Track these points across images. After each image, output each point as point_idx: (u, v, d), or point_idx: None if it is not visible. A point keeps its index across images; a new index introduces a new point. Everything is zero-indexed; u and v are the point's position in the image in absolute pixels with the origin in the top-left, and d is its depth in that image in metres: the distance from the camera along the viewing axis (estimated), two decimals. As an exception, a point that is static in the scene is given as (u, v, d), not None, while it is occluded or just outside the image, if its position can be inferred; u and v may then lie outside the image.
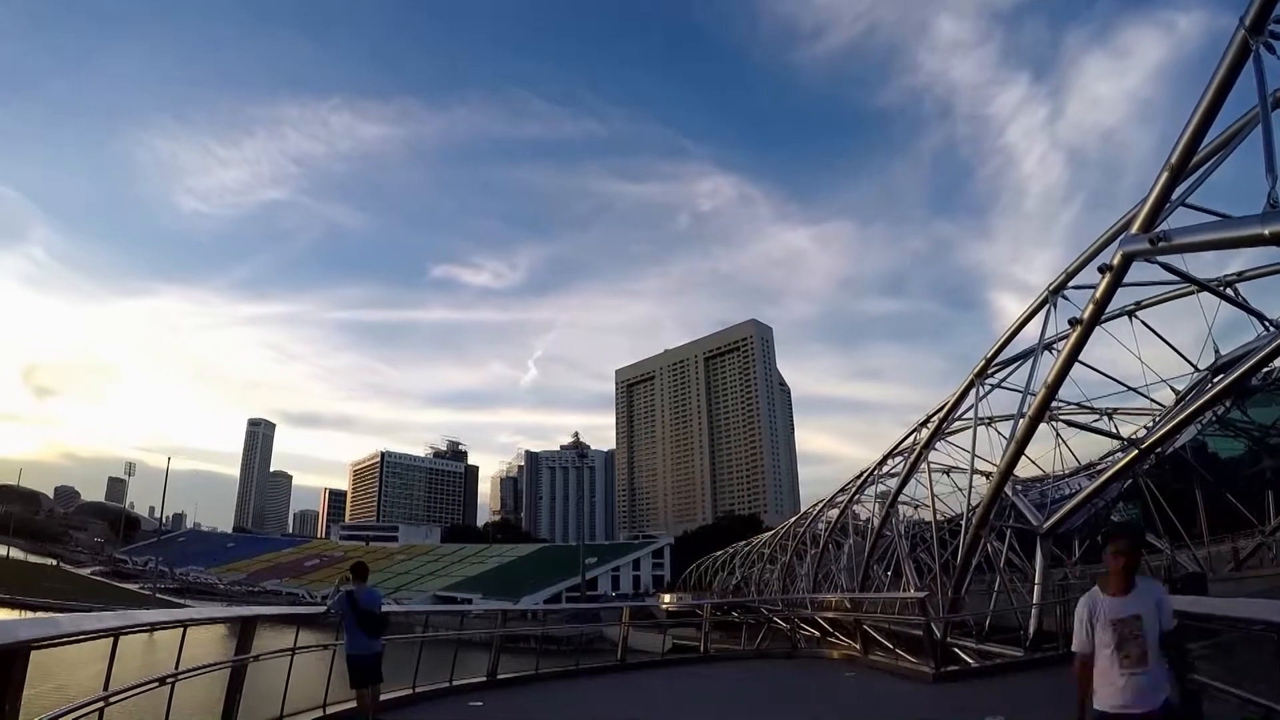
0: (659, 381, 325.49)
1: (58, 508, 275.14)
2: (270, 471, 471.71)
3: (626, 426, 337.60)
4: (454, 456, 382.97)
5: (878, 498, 42.68)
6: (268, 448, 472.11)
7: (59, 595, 65.64)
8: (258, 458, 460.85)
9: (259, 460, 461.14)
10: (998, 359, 25.56)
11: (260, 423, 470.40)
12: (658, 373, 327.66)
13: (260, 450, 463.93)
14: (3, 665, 4.92)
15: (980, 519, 23.29)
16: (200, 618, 9.60)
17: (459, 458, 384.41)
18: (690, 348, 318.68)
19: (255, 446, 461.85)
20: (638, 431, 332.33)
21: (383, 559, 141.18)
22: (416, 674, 13.97)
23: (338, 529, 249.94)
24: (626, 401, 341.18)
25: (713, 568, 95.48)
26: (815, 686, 17.23)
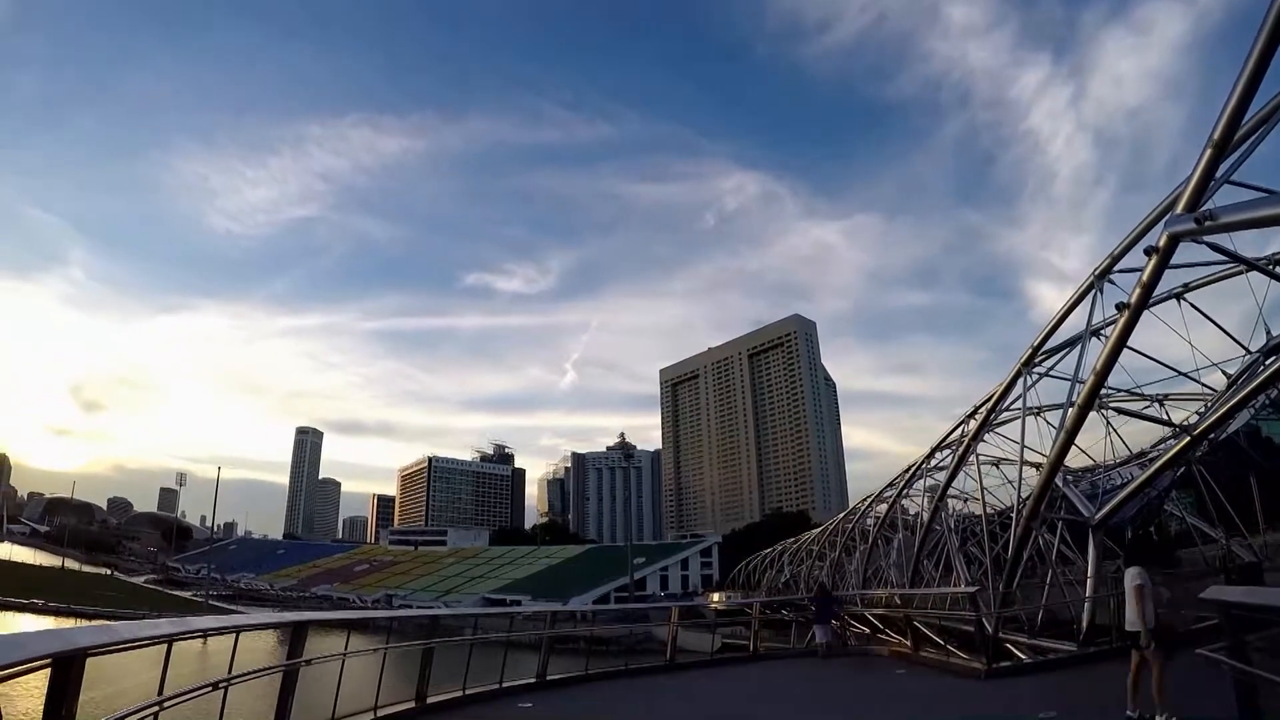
0: (703, 380, 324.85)
1: (111, 518, 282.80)
2: (319, 479, 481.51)
3: (672, 425, 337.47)
4: (501, 460, 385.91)
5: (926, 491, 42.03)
6: (316, 455, 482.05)
7: (114, 603, 67.43)
8: (306, 465, 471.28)
9: (308, 468, 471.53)
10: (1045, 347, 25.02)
11: (308, 431, 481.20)
12: (702, 371, 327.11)
13: (309, 458, 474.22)
14: (61, 671, 5.09)
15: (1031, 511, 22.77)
16: (252, 623, 9.79)
17: (506, 461, 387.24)
18: (734, 345, 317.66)
19: (304, 454, 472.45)
20: (683, 430, 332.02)
21: (432, 562, 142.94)
22: (467, 676, 14.07)
23: (387, 534, 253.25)
24: (671, 400, 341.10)
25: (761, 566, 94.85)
26: (865, 684, 17.07)
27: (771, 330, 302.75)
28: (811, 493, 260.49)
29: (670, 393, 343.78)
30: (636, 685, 17.17)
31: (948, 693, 15.17)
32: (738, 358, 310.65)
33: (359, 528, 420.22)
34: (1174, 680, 9.76)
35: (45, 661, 4.91)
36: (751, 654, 22.36)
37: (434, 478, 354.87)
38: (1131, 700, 10.19)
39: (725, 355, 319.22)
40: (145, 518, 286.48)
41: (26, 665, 4.59)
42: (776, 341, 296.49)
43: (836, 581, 54.87)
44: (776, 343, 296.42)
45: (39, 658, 4.77)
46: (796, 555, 77.45)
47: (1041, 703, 12.55)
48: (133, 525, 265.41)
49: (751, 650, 22.58)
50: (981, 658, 17.02)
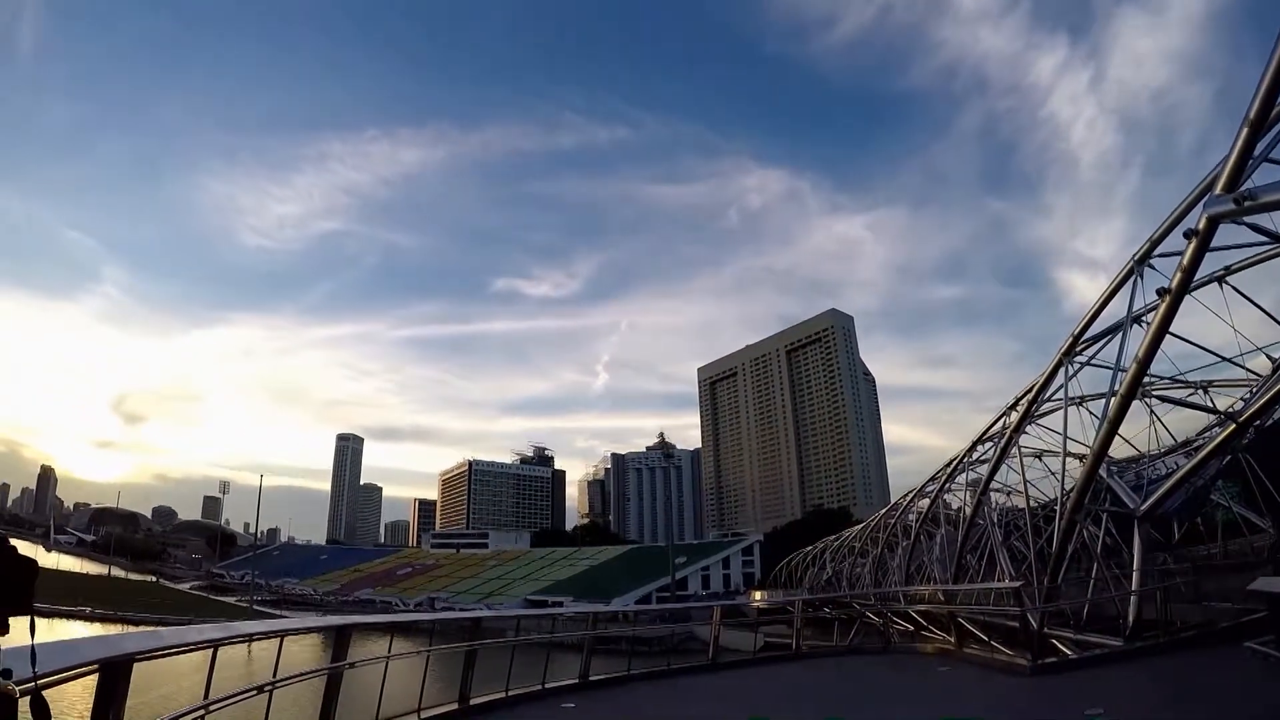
0: (741, 377, 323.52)
1: (156, 527, 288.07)
2: (361, 484, 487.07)
3: (711, 424, 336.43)
4: (541, 462, 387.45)
5: (969, 485, 41.55)
6: (357, 462, 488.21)
7: (160, 609, 68.51)
8: (348, 471, 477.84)
9: (349, 474, 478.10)
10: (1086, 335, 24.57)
11: (349, 438, 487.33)
12: (740, 369, 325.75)
13: (350, 464, 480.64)
14: (109, 676, 5.22)
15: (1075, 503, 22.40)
16: (296, 628, 9.92)
17: (545, 463, 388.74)
18: (771, 341, 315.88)
19: (345, 461, 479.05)
20: (722, 428, 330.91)
21: (473, 565, 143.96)
22: (509, 677, 14.19)
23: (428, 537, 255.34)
24: (710, 398, 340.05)
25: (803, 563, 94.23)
26: (909, 682, 16.90)
27: (809, 326, 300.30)
28: (852, 488, 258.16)
29: (709, 391, 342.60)
30: (678, 685, 17.19)
31: (992, 690, 14.99)
32: (775, 354, 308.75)
33: (401, 532, 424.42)
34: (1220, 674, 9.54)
35: (93, 667, 5.03)
36: (794, 652, 22.23)
37: (474, 481, 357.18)
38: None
39: (763, 352, 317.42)
40: (189, 525, 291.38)
41: (75, 671, 4.68)
42: (814, 337, 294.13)
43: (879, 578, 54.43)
44: (814, 338, 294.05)
45: (87, 663, 4.87)
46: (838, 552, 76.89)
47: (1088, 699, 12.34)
48: (177, 533, 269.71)
49: (794, 648, 22.43)
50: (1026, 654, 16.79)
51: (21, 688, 2.34)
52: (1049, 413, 29.79)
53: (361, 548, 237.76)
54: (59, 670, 4.37)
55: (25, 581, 2.26)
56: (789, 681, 17.48)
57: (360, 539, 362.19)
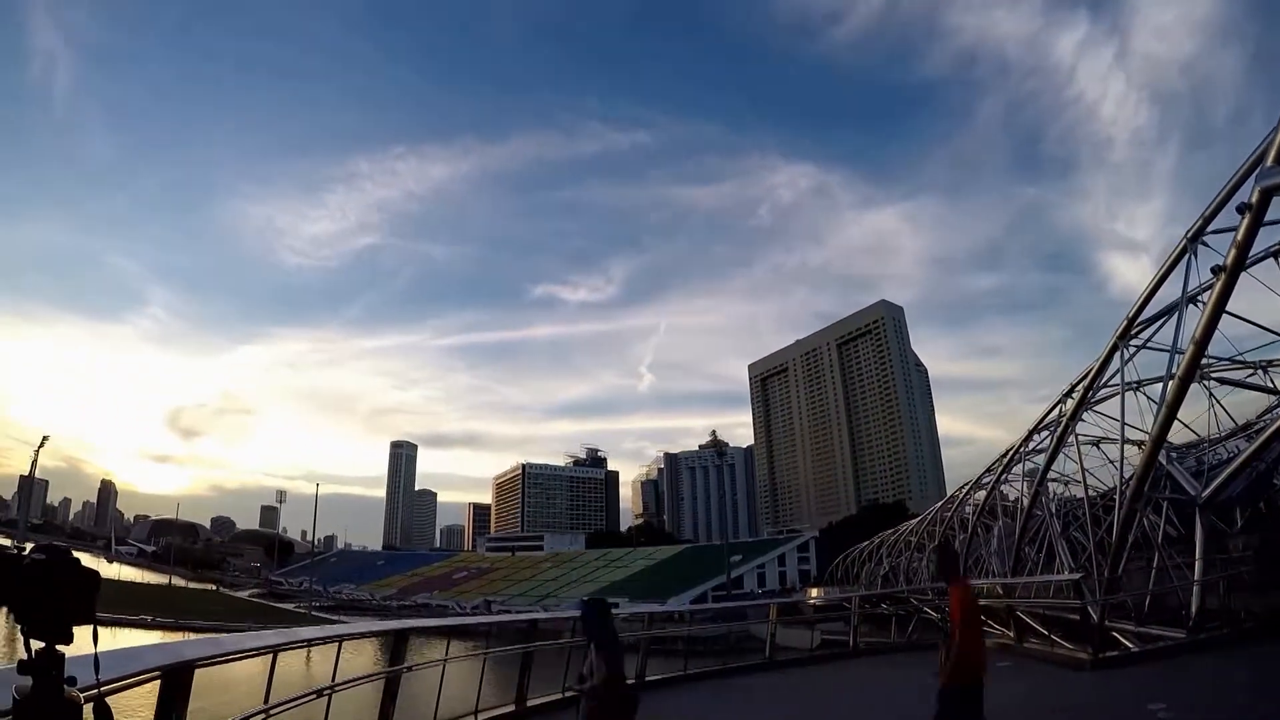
0: (792, 372, 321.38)
1: (215, 537, 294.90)
2: (415, 490, 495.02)
3: (763, 420, 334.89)
4: (593, 463, 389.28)
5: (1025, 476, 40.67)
6: (411, 468, 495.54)
7: (220, 617, 69.56)
8: (402, 478, 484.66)
9: (404, 480, 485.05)
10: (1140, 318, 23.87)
11: (403, 444, 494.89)
12: (790, 364, 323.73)
13: (404, 471, 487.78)
14: (170, 682, 5.37)
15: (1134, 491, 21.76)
16: (354, 632, 10.35)
17: (598, 464, 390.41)
18: (821, 335, 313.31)
19: (399, 467, 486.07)
20: (774, 424, 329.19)
21: (529, 568, 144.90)
22: (565, 678, 14.16)
23: (484, 541, 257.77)
24: (761, 395, 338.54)
25: (859, 559, 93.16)
26: None
27: (859, 318, 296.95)
28: (908, 482, 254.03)
29: (759, 387, 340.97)
30: (735, 685, 17.15)
31: (1053, 685, 14.72)
32: (826, 348, 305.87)
33: (456, 536, 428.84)
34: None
35: (155, 673, 5.17)
36: (851, 650, 22.19)
37: (528, 484, 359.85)
38: None
39: (813, 346, 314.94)
40: (247, 535, 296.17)
41: (138, 677, 4.83)
42: (864, 329, 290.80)
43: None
44: (864, 330, 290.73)
45: (149, 670, 5.02)
46: (895, 547, 75.83)
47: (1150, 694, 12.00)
48: (236, 542, 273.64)
49: (851, 646, 22.38)
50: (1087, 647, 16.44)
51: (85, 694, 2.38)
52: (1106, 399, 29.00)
53: (417, 552, 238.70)
54: (122, 677, 4.51)
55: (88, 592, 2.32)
56: (847, 679, 17.42)
57: (416, 544, 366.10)
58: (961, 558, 48.59)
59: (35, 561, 2.25)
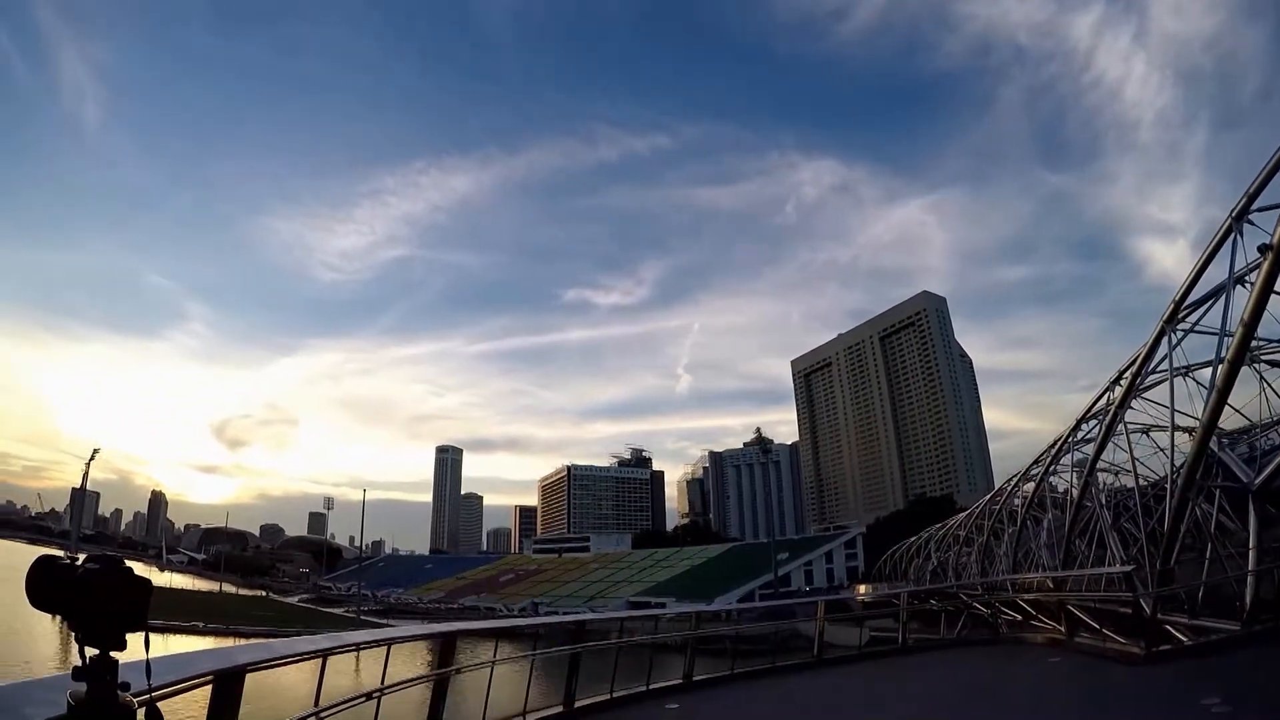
0: (836, 367, 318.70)
1: (264, 544, 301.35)
2: (461, 494, 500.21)
3: (808, 416, 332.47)
4: (638, 464, 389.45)
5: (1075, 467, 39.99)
6: (457, 472, 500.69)
7: (270, 622, 70.31)
8: (448, 482, 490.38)
9: (449, 484, 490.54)
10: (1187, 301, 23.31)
11: (448, 449, 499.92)
12: (834, 358, 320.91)
13: (450, 474, 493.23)
14: (222, 686, 5.48)
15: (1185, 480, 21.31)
16: (403, 636, 10.47)
17: (643, 464, 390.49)
18: (864, 329, 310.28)
19: (445, 471, 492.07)
20: (819, 420, 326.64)
21: (576, 569, 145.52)
22: (614, 679, 14.24)
23: (530, 543, 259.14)
24: (805, 391, 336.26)
25: (907, 554, 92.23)
26: (1018, 675, 16.45)
27: (901, 310, 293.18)
28: (955, 475, 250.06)
29: (803, 383, 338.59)
30: (783, 683, 17.05)
31: (1105, 681, 14.43)
32: (869, 341, 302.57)
33: (503, 539, 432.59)
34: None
35: (207, 678, 5.29)
36: (900, 646, 21.87)
37: (573, 486, 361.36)
38: None
39: (856, 340, 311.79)
40: (296, 541, 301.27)
41: (191, 682, 4.96)
42: (907, 321, 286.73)
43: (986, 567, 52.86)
44: (907, 322, 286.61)
45: (201, 675, 5.15)
46: (943, 542, 75.01)
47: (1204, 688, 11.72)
48: (285, 549, 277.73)
49: (900, 642, 22.05)
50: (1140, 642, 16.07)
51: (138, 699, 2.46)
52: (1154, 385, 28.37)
53: (465, 556, 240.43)
54: (175, 682, 4.64)
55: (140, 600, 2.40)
56: (896, 676, 17.29)
57: (463, 548, 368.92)
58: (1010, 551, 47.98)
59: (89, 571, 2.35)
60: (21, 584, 2.34)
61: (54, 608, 2.39)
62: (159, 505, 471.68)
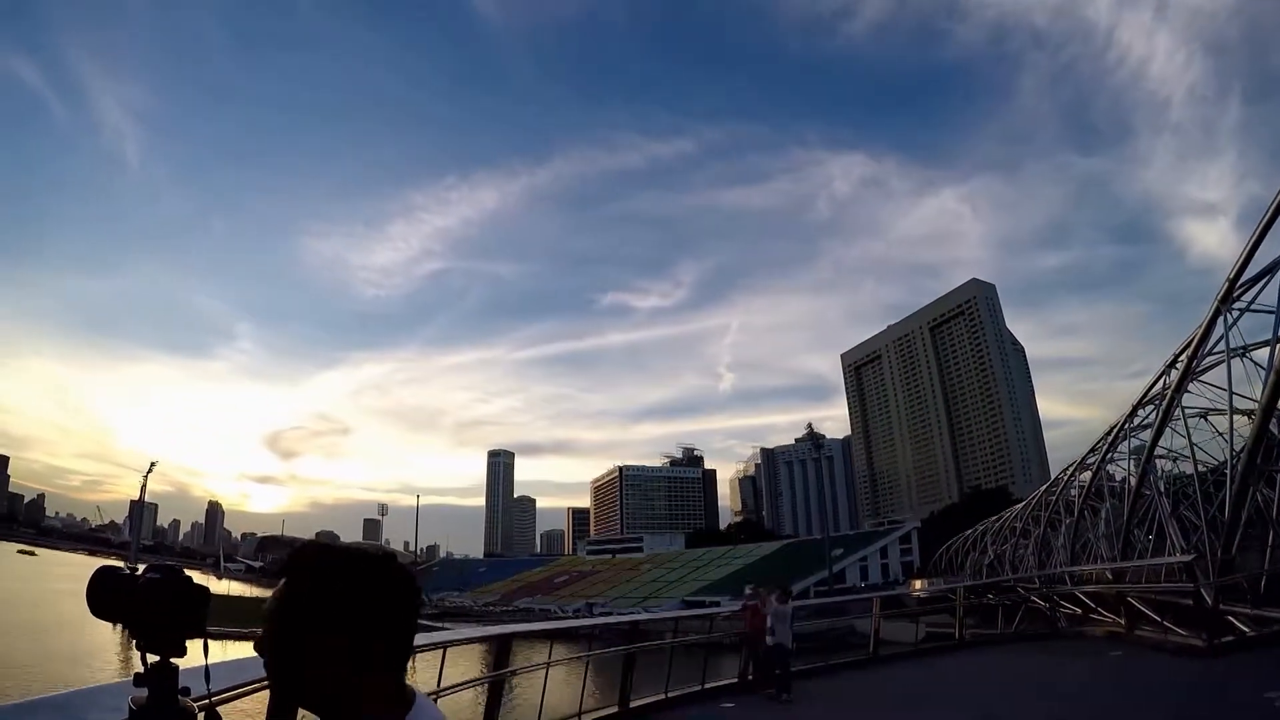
0: (886, 359, 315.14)
1: None
2: (514, 497, 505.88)
3: (859, 410, 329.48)
4: (690, 463, 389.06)
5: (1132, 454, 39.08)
6: (509, 476, 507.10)
7: None
8: (500, 485, 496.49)
9: (502, 488, 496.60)
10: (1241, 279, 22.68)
11: (500, 453, 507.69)
12: (883, 350, 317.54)
13: (502, 478, 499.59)
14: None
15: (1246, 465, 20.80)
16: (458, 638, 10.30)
17: (695, 463, 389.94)
18: (913, 320, 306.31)
19: (497, 475, 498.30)
20: (871, 413, 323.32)
21: (630, 569, 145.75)
22: (668, 679, 14.32)
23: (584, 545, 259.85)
24: (856, 384, 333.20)
25: (963, 548, 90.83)
26: (1077, 670, 16.20)
27: (951, 299, 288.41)
28: (1010, 466, 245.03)
29: (853, 376, 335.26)
30: (839, 680, 17.08)
31: (1166, 675, 14.19)
32: (919, 332, 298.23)
33: (556, 541, 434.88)
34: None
35: (264, 683, 5.09)
36: (958, 642, 21.79)
37: (625, 486, 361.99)
38: None
39: (906, 331, 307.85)
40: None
41: (249, 687, 5.00)
42: (957, 310, 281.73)
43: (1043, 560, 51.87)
44: (957, 311, 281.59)
45: (260, 679, 5.05)
46: (999, 534, 73.75)
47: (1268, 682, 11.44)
48: None
49: (957, 638, 22.00)
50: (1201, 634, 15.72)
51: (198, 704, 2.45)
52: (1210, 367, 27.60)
53: (519, 559, 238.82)
54: (233, 687, 4.76)
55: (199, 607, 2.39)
56: (952, 672, 17.20)
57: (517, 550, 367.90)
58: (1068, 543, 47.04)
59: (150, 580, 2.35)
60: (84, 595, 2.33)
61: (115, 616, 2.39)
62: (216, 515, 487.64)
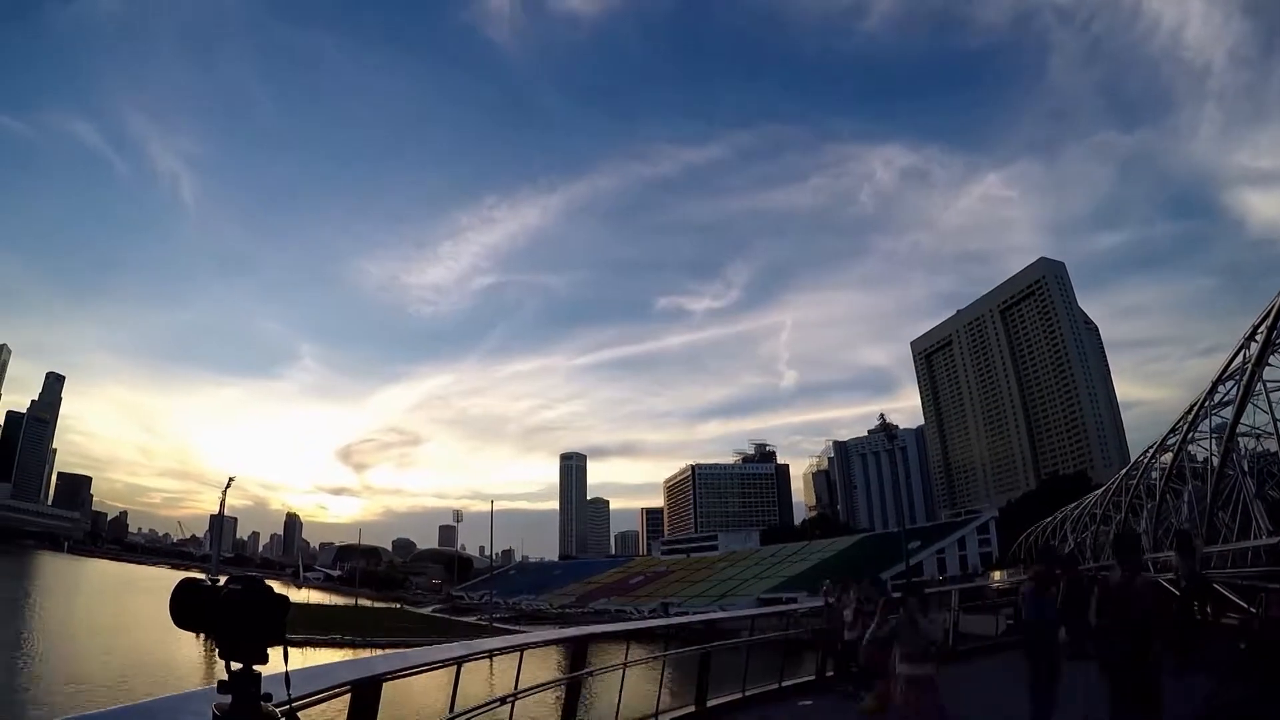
0: (957, 345, 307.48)
1: (396, 558, 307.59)
2: (587, 500, 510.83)
3: (931, 398, 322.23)
4: (762, 459, 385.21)
5: (1213, 433, 38.09)
6: (582, 478, 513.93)
7: (405, 633, 71.16)
8: (573, 488, 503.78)
9: (575, 491, 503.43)
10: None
11: (572, 456, 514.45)
12: (954, 336, 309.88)
13: (575, 481, 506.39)
14: (360, 695, 5.74)
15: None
16: (535, 641, 10.84)
17: (767, 459, 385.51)
18: (982, 303, 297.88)
19: (570, 478, 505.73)
20: (943, 401, 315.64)
21: (704, 568, 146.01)
22: (746, 677, 14.23)
23: (658, 545, 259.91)
24: (927, 372, 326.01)
25: (1041, 537, 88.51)
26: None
27: (1020, 279, 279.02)
28: (1088, 450, 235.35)
29: (924, 364, 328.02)
30: None
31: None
32: (989, 315, 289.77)
33: (630, 542, 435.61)
34: None
35: (345, 688, 5.49)
36: None
37: (698, 485, 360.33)
38: None
39: (976, 315, 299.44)
40: (428, 554, 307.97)
41: (329, 692, 5.23)
42: (1026, 291, 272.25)
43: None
44: (1027, 292, 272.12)
45: (339, 685, 5.41)
46: (1078, 522, 72.14)
47: None
48: (417, 562, 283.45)
49: None
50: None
51: (280, 709, 2.66)
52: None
53: (594, 560, 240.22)
54: (315, 692, 4.92)
55: (279, 616, 2.60)
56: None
57: (591, 552, 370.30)
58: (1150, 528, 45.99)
59: (232, 591, 2.58)
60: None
61: (198, 626, 2.60)
62: (294, 526, 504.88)
